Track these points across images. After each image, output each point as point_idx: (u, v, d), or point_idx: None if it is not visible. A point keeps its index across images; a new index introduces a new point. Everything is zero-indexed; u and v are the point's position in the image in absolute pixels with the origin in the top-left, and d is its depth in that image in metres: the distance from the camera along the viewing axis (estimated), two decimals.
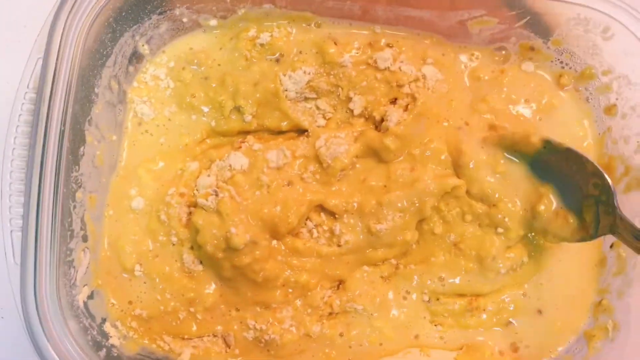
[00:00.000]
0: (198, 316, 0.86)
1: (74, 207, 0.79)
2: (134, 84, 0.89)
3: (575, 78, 0.88)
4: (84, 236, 0.82)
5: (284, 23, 0.88)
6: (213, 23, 0.88)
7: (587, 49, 0.85)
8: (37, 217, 0.72)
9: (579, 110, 0.88)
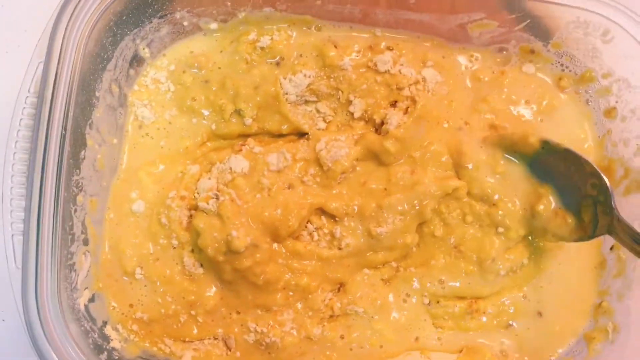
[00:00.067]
0: (199, 319, 0.86)
1: (75, 211, 0.79)
2: (135, 87, 0.89)
3: (575, 81, 0.88)
4: (85, 239, 0.82)
5: (284, 26, 0.88)
6: (213, 26, 0.88)
7: (587, 52, 0.85)
8: (38, 221, 0.72)
9: (579, 112, 0.88)
